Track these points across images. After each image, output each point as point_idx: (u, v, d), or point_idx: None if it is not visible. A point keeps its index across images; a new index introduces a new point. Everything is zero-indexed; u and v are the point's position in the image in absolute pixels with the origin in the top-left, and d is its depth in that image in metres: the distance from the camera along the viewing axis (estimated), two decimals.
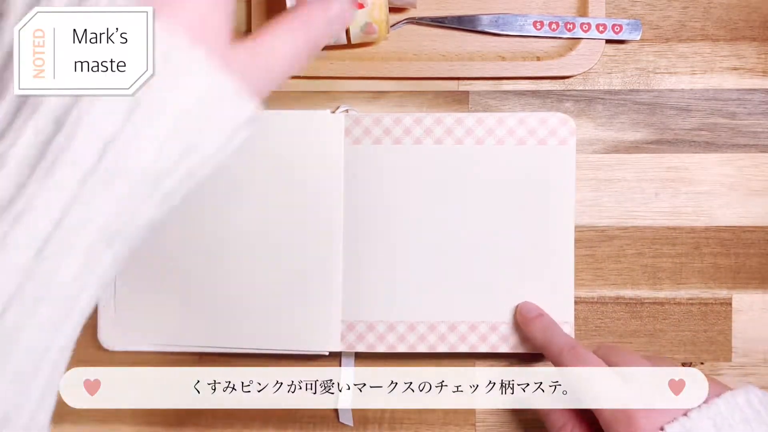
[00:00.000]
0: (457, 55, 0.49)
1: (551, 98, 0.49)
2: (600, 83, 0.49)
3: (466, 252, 0.47)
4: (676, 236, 0.49)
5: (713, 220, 0.49)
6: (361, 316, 0.47)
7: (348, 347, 0.47)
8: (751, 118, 0.49)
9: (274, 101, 0.49)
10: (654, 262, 0.49)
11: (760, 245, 0.49)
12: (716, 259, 0.49)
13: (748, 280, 0.49)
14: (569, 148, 0.47)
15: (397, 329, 0.47)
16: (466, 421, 0.49)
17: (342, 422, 0.49)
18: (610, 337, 0.49)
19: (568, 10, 0.49)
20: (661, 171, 0.49)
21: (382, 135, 0.47)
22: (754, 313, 0.49)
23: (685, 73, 0.49)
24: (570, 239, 0.47)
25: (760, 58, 0.49)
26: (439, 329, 0.47)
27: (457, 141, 0.47)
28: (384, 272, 0.47)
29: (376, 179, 0.47)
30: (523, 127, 0.47)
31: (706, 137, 0.49)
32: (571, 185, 0.47)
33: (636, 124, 0.49)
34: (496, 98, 0.49)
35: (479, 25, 0.48)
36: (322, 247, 0.47)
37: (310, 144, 0.48)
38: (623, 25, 0.48)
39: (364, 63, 0.48)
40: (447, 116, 0.47)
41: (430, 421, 0.49)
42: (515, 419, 0.49)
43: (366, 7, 0.44)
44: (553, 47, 0.49)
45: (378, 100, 0.49)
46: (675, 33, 0.49)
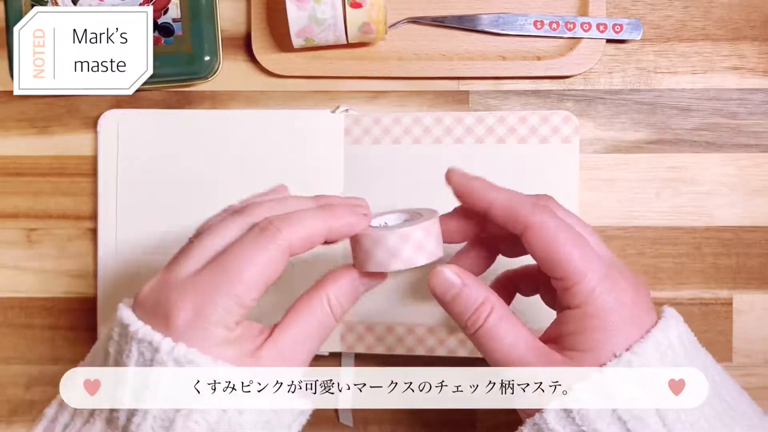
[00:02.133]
0: (458, 55, 0.49)
1: (552, 98, 0.49)
2: (601, 83, 0.49)
3: None
4: (677, 236, 0.49)
5: (714, 220, 0.49)
6: (360, 316, 0.47)
7: (348, 348, 0.47)
8: (752, 118, 0.49)
9: (275, 101, 0.49)
10: (655, 262, 0.49)
11: (761, 245, 0.49)
12: (717, 260, 0.49)
13: (748, 280, 0.49)
14: (573, 146, 0.47)
15: (396, 331, 0.47)
16: (466, 421, 0.49)
17: (342, 422, 0.49)
18: None
19: (568, 9, 0.49)
20: (661, 171, 0.49)
21: (382, 134, 0.47)
22: (754, 313, 0.49)
23: (686, 72, 0.49)
24: None
25: (761, 57, 0.49)
26: (438, 333, 0.47)
27: (456, 140, 0.47)
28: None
29: (376, 179, 0.47)
30: (524, 126, 0.47)
31: (707, 137, 0.49)
32: (575, 184, 0.47)
33: (637, 123, 0.49)
34: (496, 98, 0.49)
35: (479, 25, 0.48)
36: (321, 247, 0.47)
37: (310, 144, 0.48)
38: (624, 24, 0.48)
39: (364, 63, 0.48)
40: (446, 115, 0.47)
41: (430, 421, 0.49)
42: (515, 419, 0.49)
43: (364, 7, 0.44)
44: (554, 47, 0.49)
45: (378, 100, 0.49)
46: (676, 33, 0.49)
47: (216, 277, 0.31)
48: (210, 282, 0.31)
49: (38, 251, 0.50)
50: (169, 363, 0.29)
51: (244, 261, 0.31)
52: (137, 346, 0.30)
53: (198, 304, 0.30)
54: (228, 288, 0.30)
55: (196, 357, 0.29)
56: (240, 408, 0.30)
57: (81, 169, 0.49)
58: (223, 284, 0.30)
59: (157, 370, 0.29)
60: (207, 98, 0.49)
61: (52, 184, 0.50)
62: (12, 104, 0.50)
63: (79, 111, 0.49)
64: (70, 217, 0.50)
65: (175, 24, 0.47)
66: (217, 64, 0.48)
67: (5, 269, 0.50)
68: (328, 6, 0.44)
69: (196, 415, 0.29)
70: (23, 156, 0.50)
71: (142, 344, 0.30)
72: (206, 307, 0.30)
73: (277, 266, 0.32)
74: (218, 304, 0.30)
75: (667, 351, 0.32)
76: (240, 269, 0.31)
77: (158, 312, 0.31)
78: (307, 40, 0.46)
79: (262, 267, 0.31)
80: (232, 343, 0.31)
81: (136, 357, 0.30)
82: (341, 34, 0.45)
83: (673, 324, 0.33)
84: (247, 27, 0.49)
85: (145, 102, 0.49)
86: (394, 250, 0.34)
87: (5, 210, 0.50)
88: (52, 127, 0.50)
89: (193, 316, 0.30)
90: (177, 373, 0.29)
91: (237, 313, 0.31)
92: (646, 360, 0.31)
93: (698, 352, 0.34)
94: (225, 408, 0.30)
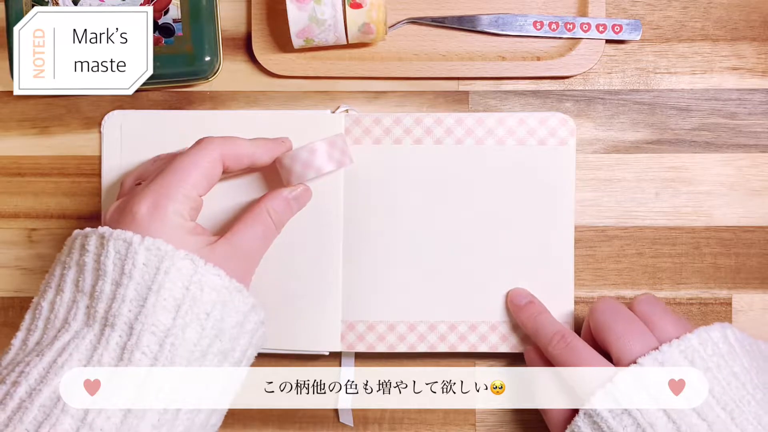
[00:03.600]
0: (457, 55, 0.49)
1: (551, 98, 0.49)
2: (600, 83, 0.49)
3: (465, 252, 0.47)
4: (676, 236, 0.49)
5: (713, 220, 0.49)
6: (361, 316, 0.47)
7: (348, 347, 0.47)
8: (751, 118, 0.49)
9: (275, 101, 0.49)
10: (654, 262, 0.49)
11: (760, 245, 0.49)
12: (716, 259, 0.49)
13: (748, 280, 0.49)
14: (569, 148, 0.47)
15: (397, 329, 0.47)
16: (466, 421, 0.49)
17: (342, 422, 0.49)
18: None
19: (568, 10, 0.49)
20: (661, 171, 0.49)
21: (382, 135, 0.47)
22: (754, 313, 0.49)
23: (685, 73, 0.49)
24: (570, 240, 0.47)
25: (760, 58, 0.49)
26: (438, 329, 0.47)
27: (457, 141, 0.47)
28: (384, 272, 0.47)
29: (376, 179, 0.47)
30: (523, 127, 0.47)
31: (706, 137, 0.49)
32: (571, 186, 0.47)
33: (636, 124, 0.49)
34: (496, 98, 0.49)
35: (479, 25, 0.48)
36: (322, 247, 0.47)
37: None
38: (623, 25, 0.48)
39: (364, 63, 0.48)
40: (447, 116, 0.47)
41: (430, 421, 0.49)
42: (515, 419, 0.49)
43: (364, 8, 0.44)
44: (553, 47, 0.49)
45: (378, 100, 0.49)
46: (675, 33, 0.49)
47: (167, 180, 0.39)
48: (162, 184, 0.38)
49: (39, 251, 0.50)
50: (141, 252, 0.36)
51: (188, 165, 0.39)
52: (113, 245, 0.36)
53: (155, 200, 0.38)
54: (177, 185, 0.38)
55: (162, 245, 0.36)
56: (201, 284, 0.36)
57: (81, 169, 0.50)
58: (173, 183, 0.38)
59: (131, 261, 0.36)
60: (207, 98, 0.49)
61: (52, 184, 0.50)
62: (12, 104, 0.50)
63: (80, 111, 0.49)
64: (71, 217, 0.50)
65: (176, 24, 0.47)
66: (218, 65, 0.48)
67: (5, 269, 0.50)
68: (328, 6, 0.44)
69: (165, 292, 0.36)
70: (24, 156, 0.50)
71: (117, 242, 0.36)
72: (161, 199, 0.38)
73: (214, 169, 0.40)
74: (171, 197, 0.38)
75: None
76: (186, 171, 0.39)
77: (125, 215, 0.38)
78: (307, 41, 0.46)
79: (203, 169, 0.39)
80: (191, 234, 0.38)
81: (113, 255, 0.36)
82: (341, 34, 0.45)
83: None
84: (247, 27, 0.50)
85: (146, 102, 0.49)
86: (306, 162, 0.43)
87: (6, 210, 0.50)
88: (53, 127, 0.50)
89: (152, 208, 0.38)
90: (148, 260, 0.36)
91: (188, 205, 0.39)
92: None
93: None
94: (188, 286, 0.36)
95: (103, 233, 0.37)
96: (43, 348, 0.35)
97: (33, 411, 0.33)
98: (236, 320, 0.38)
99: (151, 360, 0.35)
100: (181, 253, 0.36)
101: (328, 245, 0.47)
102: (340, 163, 0.44)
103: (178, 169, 0.39)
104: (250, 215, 0.41)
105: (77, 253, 0.38)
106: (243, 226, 0.41)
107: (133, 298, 0.36)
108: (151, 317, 0.35)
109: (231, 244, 0.40)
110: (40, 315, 0.37)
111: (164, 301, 0.36)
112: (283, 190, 0.43)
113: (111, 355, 0.35)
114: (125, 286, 0.36)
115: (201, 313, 0.36)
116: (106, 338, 0.35)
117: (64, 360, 0.34)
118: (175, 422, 0.36)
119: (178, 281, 0.36)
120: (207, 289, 0.37)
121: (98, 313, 0.36)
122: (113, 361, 0.35)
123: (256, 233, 0.41)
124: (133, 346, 0.35)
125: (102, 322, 0.36)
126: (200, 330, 0.36)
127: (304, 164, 0.43)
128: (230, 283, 0.38)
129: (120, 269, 0.36)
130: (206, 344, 0.37)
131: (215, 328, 0.37)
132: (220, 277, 0.37)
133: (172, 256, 0.36)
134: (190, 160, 0.39)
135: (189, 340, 0.36)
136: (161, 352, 0.35)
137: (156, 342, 0.35)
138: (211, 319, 0.37)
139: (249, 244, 0.40)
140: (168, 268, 0.36)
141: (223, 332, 0.37)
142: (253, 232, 0.41)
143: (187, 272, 0.36)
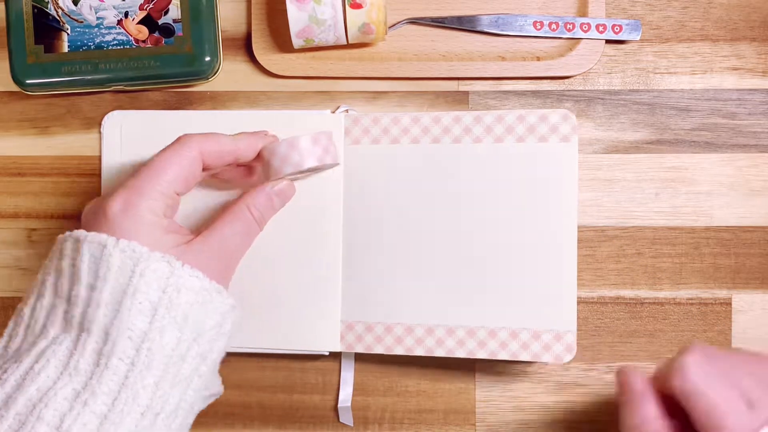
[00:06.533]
0: (457, 55, 0.49)
1: (551, 98, 0.49)
2: (600, 83, 0.49)
3: (465, 252, 0.46)
4: (675, 236, 0.49)
5: (713, 220, 0.49)
6: (359, 316, 0.47)
7: (347, 347, 0.47)
8: (751, 119, 0.49)
9: (275, 101, 0.49)
10: (654, 262, 0.49)
11: (759, 245, 0.49)
12: (716, 259, 0.49)
13: (748, 280, 0.49)
14: (572, 145, 0.45)
15: (394, 331, 0.46)
16: (466, 421, 0.49)
17: (342, 422, 0.49)
18: (609, 338, 0.49)
19: (567, 10, 0.49)
20: (661, 171, 0.49)
21: (381, 135, 0.47)
22: (754, 313, 0.49)
23: (685, 73, 0.49)
24: (573, 241, 0.45)
25: (760, 58, 0.49)
26: (436, 333, 0.46)
27: (455, 139, 0.46)
28: (383, 272, 0.47)
29: (375, 179, 0.47)
30: (522, 125, 0.46)
31: (706, 137, 0.49)
32: (574, 184, 0.45)
33: (636, 124, 0.49)
34: (496, 98, 0.49)
35: (479, 25, 0.48)
36: (321, 247, 0.47)
37: None
38: (623, 25, 0.48)
39: (364, 63, 0.48)
40: (444, 115, 0.47)
41: (430, 421, 0.49)
42: (515, 419, 0.49)
43: (364, 8, 0.44)
44: (553, 47, 0.49)
45: (378, 100, 0.49)
46: (675, 33, 0.49)
47: (140, 178, 0.38)
48: (135, 182, 0.37)
49: (39, 251, 0.50)
50: (115, 254, 0.35)
51: (164, 162, 0.38)
52: (88, 248, 0.35)
53: (127, 197, 0.37)
54: (152, 183, 0.37)
55: (137, 247, 0.35)
56: (177, 287, 0.35)
57: (82, 169, 0.50)
58: (147, 180, 0.37)
59: (105, 264, 0.35)
60: (207, 99, 0.49)
61: (52, 184, 0.50)
62: (12, 104, 0.50)
63: (80, 111, 0.50)
64: (71, 218, 0.50)
65: (176, 24, 0.47)
66: (218, 65, 0.49)
67: (5, 269, 0.50)
68: (328, 7, 0.44)
69: (140, 295, 0.35)
70: (24, 156, 0.50)
71: (92, 245, 0.35)
72: (133, 197, 0.37)
73: (192, 167, 0.39)
74: (144, 194, 0.37)
75: None
76: (161, 168, 0.38)
77: (98, 216, 0.37)
78: (307, 41, 0.46)
79: (180, 167, 0.38)
80: (166, 232, 0.37)
81: (87, 259, 0.35)
82: (341, 34, 0.45)
83: None
84: (247, 27, 0.50)
85: (146, 102, 0.49)
86: (284, 156, 0.41)
87: (6, 210, 0.50)
88: (53, 127, 0.50)
89: (125, 206, 0.37)
90: (123, 262, 0.35)
91: (163, 202, 0.38)
92: None
93: None
94: (164, 289, 0.35)
95: (78, 236, 0.36)
96: (21, 354, 0.35)
97: (8, 419, 0.32)
98: (215, 321, 0.37)
99: (128, 366, 0.34)
100: (156, 255, 0.35)
101: (328, 244, 0.47)
102: (320, 160, 0.42)
103: (153, 166, 0.38)
104: (229, 212, 0.40)
105: (56, 257, 0.37)
106: (221, 224, 0.40)
107: (108, 302, 0.35)
108: (126, 321, 0.34)
109: (209, 243, 0.38)
110: (22, 321, 0.36)
111: (140, 305, 0.35)
112: (264, 185, 0.42)
113: (87, 361, 0.34)
114: (100, 290, 0.35)
115: (178, 316, 0.35)
116: (83, 344, 0.34)
117: (41, 366, 0.34)
118: (153, 428, 0.35)
119: (153, 284, 0.35)
120: (184, 291, 0.36)
121: (75, 319, 0.35)
122: (90, 367, 0.34)
123: (236, 230, 0.40)
124: (109, 352, 0.34)
125: (78, 328, 0.35)
126: (178, 334, 0.36)
127: (283, 159, 0.42)
128: (210, 284, 0.37)
129: (95, 273, 0.35)
130: (185, 348, 0.36)
131: (194, 332, 0.36)
132: (199, 278, 0.36)
133: (147, 258, 0.35)
134: (166, 158, 0.38)
135: (167, 344, 0.35)
136: (138, 357, 0.34)
137: (132, 347, 0.34)
138: (189, 322, 0.36)
139: (228, 241, 0.39)
140: (143, 270, 0.35)
141: (201, 335, 0.37)
142: (232, 229, 0.40)
143: (163, 274, 0.35)
